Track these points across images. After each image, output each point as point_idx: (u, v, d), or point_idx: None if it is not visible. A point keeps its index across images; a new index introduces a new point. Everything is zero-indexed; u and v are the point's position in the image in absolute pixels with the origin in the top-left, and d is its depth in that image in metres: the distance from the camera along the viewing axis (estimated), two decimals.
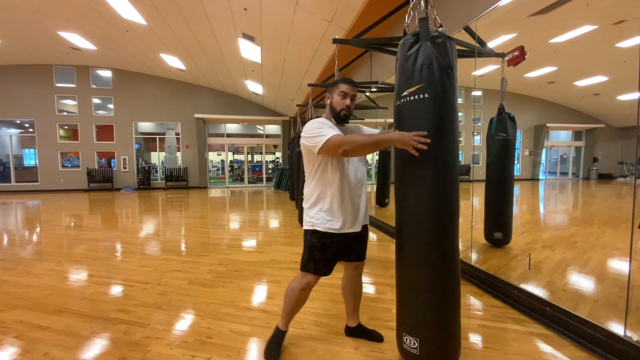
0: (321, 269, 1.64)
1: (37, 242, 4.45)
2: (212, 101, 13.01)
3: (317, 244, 1.62)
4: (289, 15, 4.98)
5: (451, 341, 1.51)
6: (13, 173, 12.12)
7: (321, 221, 1.61)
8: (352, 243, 1.69)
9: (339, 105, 1.62)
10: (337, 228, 1.60)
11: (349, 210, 1.61)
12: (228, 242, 4.38)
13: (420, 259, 1.50)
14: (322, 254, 1.62)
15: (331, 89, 1.67)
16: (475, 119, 6.80)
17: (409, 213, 1.54)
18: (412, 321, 1.54)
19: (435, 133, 1.44)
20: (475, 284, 2.72)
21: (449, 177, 1.49)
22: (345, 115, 1.63)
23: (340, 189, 1.59)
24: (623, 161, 5.56)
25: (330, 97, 1.67)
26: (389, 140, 1.48)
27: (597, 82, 4.16)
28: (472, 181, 3.84)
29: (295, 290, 1.68)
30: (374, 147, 1.50)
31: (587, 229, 4.43)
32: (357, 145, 1.46)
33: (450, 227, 1.50)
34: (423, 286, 1.50)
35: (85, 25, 7.89)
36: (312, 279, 1.65)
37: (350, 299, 1.87)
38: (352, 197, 1.62)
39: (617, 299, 2.27)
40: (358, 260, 1.77)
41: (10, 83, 11.59)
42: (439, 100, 1.44)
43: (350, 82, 1.64)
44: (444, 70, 1.44)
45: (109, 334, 1.97)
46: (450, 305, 1.50)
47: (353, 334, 1.92)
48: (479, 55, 2.79)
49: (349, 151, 1.47)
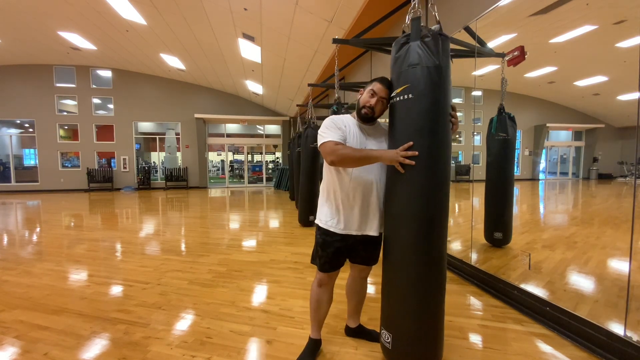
0: (323, 265, 1.65)
1: (37, 242, 4.45)
2: (212, 101, 13.01)
3: (319, 239, 1.64)
4: (289, 15, 4.98)
5: (426, 341, 1.51)
6: (13, 173, 12.11)
7: (325, 218, 1.62)
8: (358, 245, 1.65)
9: (362, 102, 1.59)
10: (341, 228, 1.59)
11: (356, 213, 1.58)
12: (228, 242, 4.38)
13: (399, 257, 1.53)
14: (323, 251, 1.63)
15: (367, 85, 1.62)
16: (475, 119, 6.79)
17: (390, 213, 1.57)
18: (388, 316, 1.58)
19: (419, 133, 1.44)
20: (475, 284, 2.72)
21: (433, 178, 1.46)
22: (366, 114, 1.57)
23: (348, 191, 1.57)
24: (623, 161, 5.56)
25: (361, 93, 1.63)
26: (376, 156, 1.49)
27: (597, 82, 4.16)
28: (472, 181, 3.84)
29: (313, 287, 1.72)
30: (360, 162, 1.50)
31: (587, 229, 4.43)
32: (343, 157, 1.46)
33: (433, 228, 1.48)
34: (402, 283, 1.53)
35: (85, 25, 7.89)
36: (320, 275, 1.68)
37: (353, 300, 1.87)
38: (362, 201, 1.57)
39: (617, 299, 2.27)
40: (362, 263, 1.74)
41: (10, 83, 11.59)
42: (423, 100, 1.44)
43: (384, 82, 1.57)
44: (430, 69, 1.43)
45: (109, 334, 1.97)
46: (428, 304, 1.50)
47: (353, 334, 1.92)
48: (479, 55, 2.79)
49: (335, 162, 1.48)
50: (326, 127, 1.55)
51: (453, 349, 1.80)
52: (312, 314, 1.73)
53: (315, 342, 1.74)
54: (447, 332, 1.94)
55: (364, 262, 1.73)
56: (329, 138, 1.50)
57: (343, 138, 1.53)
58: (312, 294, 1.72)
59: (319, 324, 1.74)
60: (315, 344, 1.73)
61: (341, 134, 1.53)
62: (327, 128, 1.54)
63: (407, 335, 1.52)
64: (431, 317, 1.51)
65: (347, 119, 1.63)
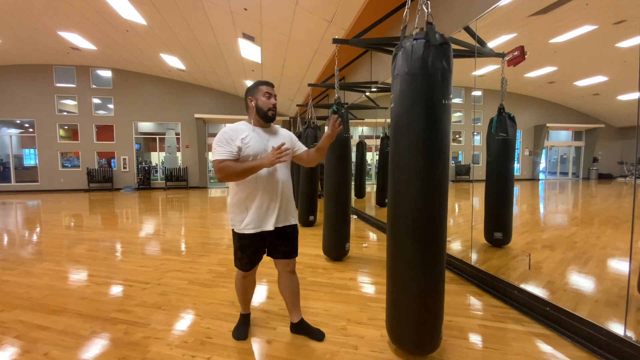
0: (244, 265, 1.77)
1: (37, 242, 4.45)
2: (212, 101, 13.01)
3: (237, 244, 1.75)
4: (289, 15, 4.98)
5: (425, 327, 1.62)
6: (13, 173, 12.11)
7: (239, 223, 1.70)
8: (275, 241, 1.77)
9: (265, 106, 1.70)
10: (254, 227, 1.68)
11: (270, 210, 1.69)
12: (228, 242, 4.38)
13: (402, 249, 1.66)
14: (243, 253, 1.74)
15: (252, 92, 1.73)
16: (475, 119, 6.80)
17: (391, 213, 1.73)
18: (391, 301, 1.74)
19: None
20: (475, 284, 2.72)
21: (433, 177, 1.56)
22: (272, 115, 1.72)
23: (256, 192, 1.67)
24: (623, 161, 5.56)
25: (254, 100, 1.72)
26: (258, 165, 1.58)
27: (597, 82, 4.16)
28: (472, 181, 3.84)
29: (238, 278, 1.87)
30: (245, 174, 1.60)
31: (587, 229, 4.43)
32: (228, 174, 1.58)
33: (434, 224, 1.58)
34: (406, 277, 1.63)
35: (85, 25, 7.89)
36: (240, 273, 1.83)
37: (286, 295, 1.92)
38: (271, 198, 1.70)
39: (617, 299, 2.27)
40: (284, 257, 1.82)
41: (10, 83, 11.58)
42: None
43: (269, 83, 1.74)
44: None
45: (109, 334, 1.97)
46: (429, 293, 1.60)
47: (296, 330, 1.95)
48: (479, 55, 2.79)
49: (222, 179, 1.59)
50: (216, 142, 1.63)
51: (453, 349, 1.80)
52: (240, 298, 1.95)
53: (246, 316, 2.02)
54: (447, 332, 1.95)
55: (285, 256, 1.82)
56: (216, 156, 1.60)
57: (232, 152, 1.61)
58: (237, 284, 1.90)
59: (247, 303, 2.00)
60: (247, 317, 2.02)
61: (230, 149, 1.61)
62: (216, 144, 1.62)
63: (410, 322, 1.63)
64: (432, 303, 1.61)
65: (242, 126, 1.71)
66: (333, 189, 3.33)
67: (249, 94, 1.74)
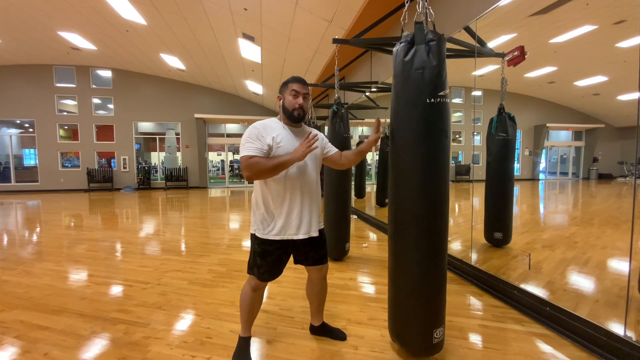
0: (262, 274, 1.60)
1: (37, 242, 4.45)
2: (212, 101, 13.01)
3: (257, 249, 1.60)
4: (289, 15, 4.98)
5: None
6: (13, 173, 12.11)
7: (262, 227, 1.58)
8: (303, 248, 1.65)
9: (291, 105, 1.58)
10: (278, 234, 1.56)
11: (294, 217, 1.57)
12: (228, 242, 4.38)
13: (404, 251, 1.69)
14: (263, 260, 1.59)
15: (282, 89, 1.63)
16: (475, 119, 6.80)
17: (392, 214, 1.79)
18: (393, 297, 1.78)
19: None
20: (475, 284, 2.72)
21: (433, 177, 1.59)
22: (299, 115, 1.59)
23: (283, 196, 1.56)
24: (623, 161, 5.56)
25: (282, 98, 1.62)
26: (288, 160, 1.47)
27: (597, 82, 4.16)
28: (472, 181, 3.84)
29: (246, 291, 1.69)
30: (276, 170, 1.48)
31: (587, 229, 4.43)
32: (257, 171, 1.47)
33: (435, 223, 1.59)
34: (409, 276, 1.66)
35: (85, 25, 7.89)
36: (256, 282, 1.64)
37: (315, 302, 1.87)
38: (299, 204, 1.58)
39: (617, 299, 2.27)
40: (316, 264, 1.72)
41: (10, 83, 11.58)
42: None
43: (300, 80, 1.61)
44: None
45: (109, 334, 1.97)
46: (430, 289, 1.62)
47: (317, 332, 1.93)
48: (479, 55, 2.79)
49: (251, 177, 1.49)
50: (245, 138, 1.52)
51: (453, 349, 1.80)
52: (244, 316, 1.71)
53: (247, 340, 1.74)
54: (447, 332, 1.94)
55: (316, 262, 1.71)
56: (244, 152, 1.49)
57: (262, 149, 1.50)
58: (244, 298, 1.69)
59: (250, 324, 1.75)
60: (247, 341, 1.74)
61: (260, 146, 1.50)
62: (245, 139, 1.52)
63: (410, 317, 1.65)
64: (434, 301, 1.61)
65: (273, 124, 1.60)
66: (333, 189, 3.33)
67: (280, 90, 1.66)
